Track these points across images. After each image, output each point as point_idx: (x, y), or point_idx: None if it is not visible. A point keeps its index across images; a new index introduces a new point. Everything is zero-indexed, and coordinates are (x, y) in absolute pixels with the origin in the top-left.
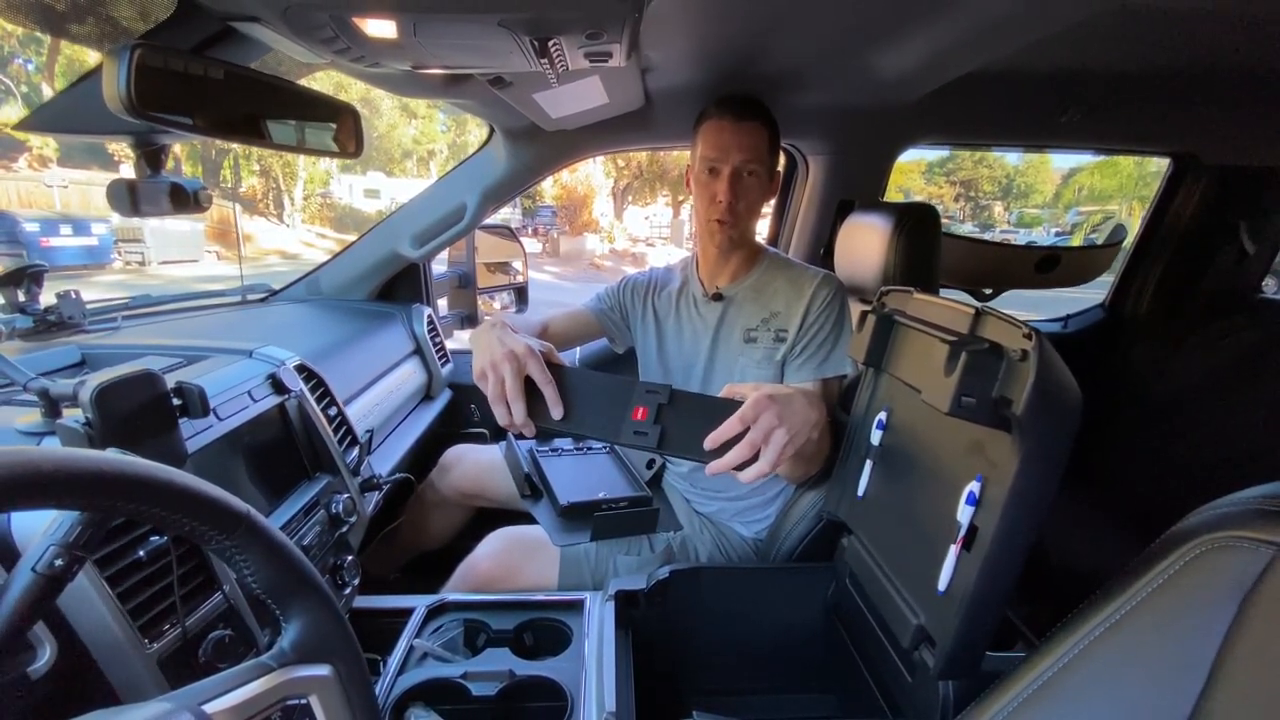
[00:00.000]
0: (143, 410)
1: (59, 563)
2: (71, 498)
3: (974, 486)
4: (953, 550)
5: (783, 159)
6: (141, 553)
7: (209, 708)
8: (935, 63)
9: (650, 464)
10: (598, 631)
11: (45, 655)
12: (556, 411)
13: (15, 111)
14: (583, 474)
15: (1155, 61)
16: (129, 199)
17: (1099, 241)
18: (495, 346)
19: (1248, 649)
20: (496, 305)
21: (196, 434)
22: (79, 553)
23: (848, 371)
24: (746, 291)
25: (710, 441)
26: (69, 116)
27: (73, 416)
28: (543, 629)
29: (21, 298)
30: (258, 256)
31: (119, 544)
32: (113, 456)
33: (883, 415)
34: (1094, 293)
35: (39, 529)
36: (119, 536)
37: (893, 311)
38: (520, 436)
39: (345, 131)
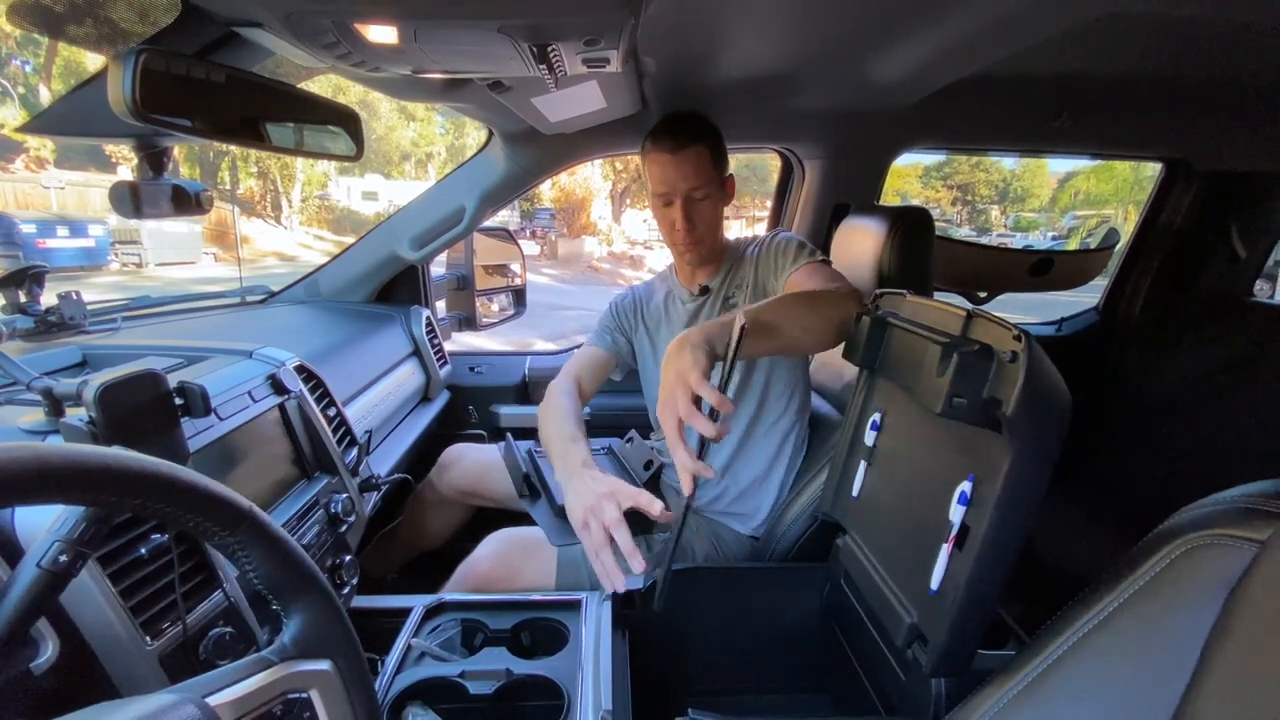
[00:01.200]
0: (146, 409)
1: (64, 558)
2: (81, 492)
3: (966, 486)
4: (945, 549)
5: (779, 162)
6: (143, 550)
7: (211, 700)
8: (929, 68)
9: (648, 465)
10: (595, 631)
11: (48, 651)
12: (636, 564)
13: (13, 112)
14: None
15: (1147, 67)
16: (131, 201)
17: (1093, 245)
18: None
19: (1232, 645)
20: (495, 307)
21: (198, 433)
22: (83, 549)
23: (823, 259)
24: (722, 274)
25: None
26: (73, 120)
27: (76, 415)
28: (540, 628)
29: (23, 298)
30: (255, 258)
31: (120, 542)
32: (121, 452)
33: (877, 416)
34: (1089, 296)
35: (43, 526)
36: (120, 534)
37: (887, 314)
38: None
39: (346, 135)
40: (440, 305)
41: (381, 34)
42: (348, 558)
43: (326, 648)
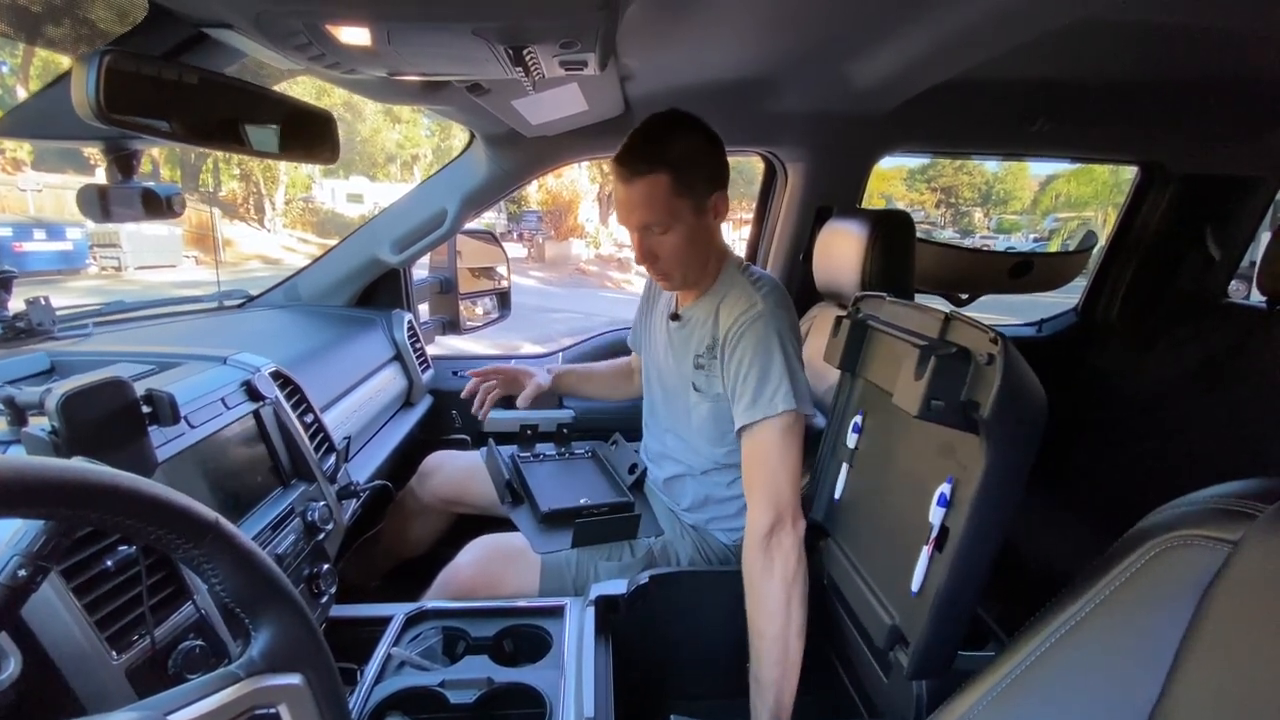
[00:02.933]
0: (111, 418)
1: (22, 573)
2: (34, 506)
3: (944, 488)
4: (925, 551)
5: (762, 165)
6: (109, 562)
7: (174, 718)
8: (908, 72)
9: (632, 469)
10: (578, 637)
11: (10, 667)
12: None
13: None
14: (564, 480)
15: (1122, 73)
16: (100, 204)
17: (1072, 248)
18: None
19: (1206, 644)
20: (479, 310)
21: (167, 442)
22: (43, 563)
23: (784, 409)
24: (699, 313)
25: None
26: (41, 121)
27: (39, 425)
28: (523, 636)
29: None
30: (238, 262)
31: (86, 554)
32: (77, 465)
33: (858, 419)
34: (1070, 297)
35: (2, 539)
36: (86, 546)
37: (867, 317)
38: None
39: (321, 137)
40: (423, 309)
41: (354, 36)
42: (325, 566)
43: (296, 660)
